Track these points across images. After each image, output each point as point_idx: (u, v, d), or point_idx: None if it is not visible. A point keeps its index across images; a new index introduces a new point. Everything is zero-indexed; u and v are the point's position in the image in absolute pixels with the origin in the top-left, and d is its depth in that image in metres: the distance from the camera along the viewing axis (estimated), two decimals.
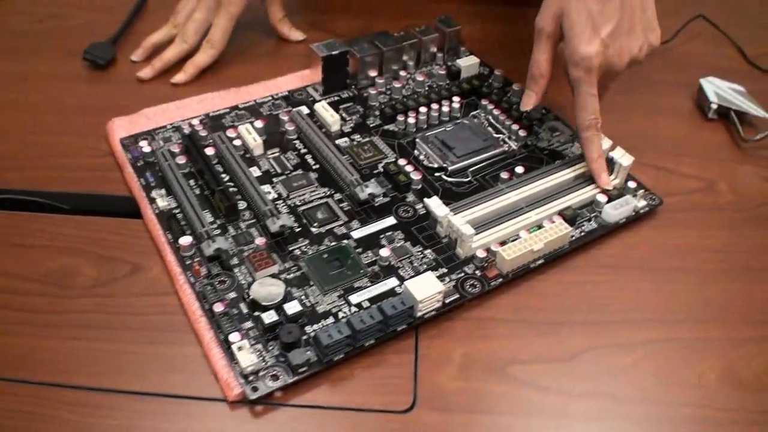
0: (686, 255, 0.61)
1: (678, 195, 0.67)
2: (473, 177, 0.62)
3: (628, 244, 0.62)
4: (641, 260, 0.60)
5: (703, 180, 0.69)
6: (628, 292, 0.57)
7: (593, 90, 0.56)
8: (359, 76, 0.73)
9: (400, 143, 0.68)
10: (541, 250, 0.58)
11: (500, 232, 0.57)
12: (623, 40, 0.56)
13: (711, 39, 0.90)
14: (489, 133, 0.68)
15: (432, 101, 0.71)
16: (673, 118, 0.76)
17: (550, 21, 0.63)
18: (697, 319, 0.56)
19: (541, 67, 0.61)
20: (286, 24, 0.77)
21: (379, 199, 0.58)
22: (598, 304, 0.56)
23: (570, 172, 0.64)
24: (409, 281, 0.53)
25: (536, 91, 0.61)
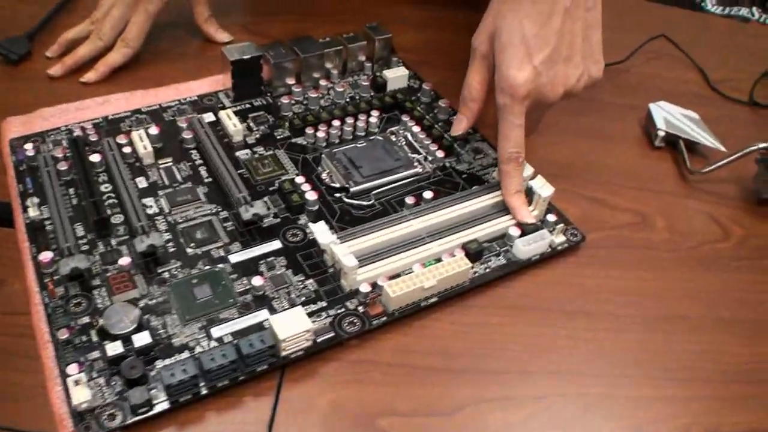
0: (603, 298, 0.56)
1: (606, 230, 0.62)
2: (376, 200, 0.58)
3: (539, 283, 0.57)
4: (551, 302, 0.56)
5: (637, 214, 0.64)
6: (530, 338, 0.52)
7: (519, 120, 0.52)
8: (275, 83, 0.69)
9: (305, 158, 0.64)
10: (434, 288, 0.53)
11: (390, 265, 0.52)
12: (559, 69, 0.52)
13: (672, 61, 0.85)
14: (404, 153, 0.64)
15: (348, 114, 0.67)
16: (617, 145, 0.72)
17: (485, 40, 0.59)
18: (603, 372, 0.51)
19: (472, 91, 0.57)
20: (213, 24, 0.74)
21: (269, 220, 0.56)
22: (494, 349, 0.52)
23: (486, 199, 0.60)
24: (275, 317, 0.49)
25: (467, 116, 0.58)
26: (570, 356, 0.52)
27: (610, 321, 0.54)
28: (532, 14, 0.50)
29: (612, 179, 0.67)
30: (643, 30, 0.86)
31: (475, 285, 0.54)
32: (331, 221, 0.58)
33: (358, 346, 0.51)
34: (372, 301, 0.52)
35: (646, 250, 0.61)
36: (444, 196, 0.59)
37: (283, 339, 0.47)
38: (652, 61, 0.85)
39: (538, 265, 0.58)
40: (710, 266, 0.60)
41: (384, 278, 0.53)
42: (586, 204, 0.64)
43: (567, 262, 0.59)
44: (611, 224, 0.62)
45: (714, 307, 0.56)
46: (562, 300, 0.55)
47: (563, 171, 0.65)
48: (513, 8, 0.51)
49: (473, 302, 0.55)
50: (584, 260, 0.59)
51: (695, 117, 0.73)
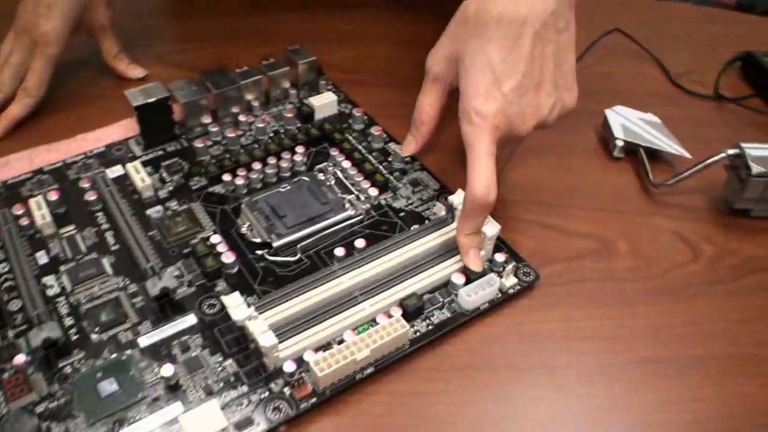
0: (561, 347, 0.51)
1: (563, 262, 0.57)
2: (303, 254, 0.55)
3: (489, 336, 0.52)
4: (504, 358, 0.50)
5: (597, 240, 0.60)
6: (480, 405, 0.48)
7: (489, 151, 0.48)
8: (189, 124, 0.65)
9: (224, 211, 0.59)
10: (367, 358, 0.48)
11: (318, 335, 0.49)
12: (530, 99, 0.48)
13: (628, 56, 0.81)
14: (333, 194, 0.59)
15: (271, 153, 0.62)
16: (572, 159, 0.67)
17: (441, 62, 0.55)
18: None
19: (423, 114, 0.56)
20: (123, 60, 0.70)
21: (182, 290, 0.53)
22: (438, 424, 0.47)
23: (426, 242, 0.55)
24: (185, 417, 0.44)
25: (416, 137, 0.56)
26: (527, 424, 0.47)
27: (571, 374, 0.50)
28: (497, 38, 0.47)
29: (567, 201, 0.62)
30: (594, 25, 0.82)
31: (415, 347, 0.50)
32: (253, 284, 0.53)
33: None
34: (299, 381, 0.48)
35: (608, 283, 0.56)
36: (380, 240, 0.54)
37: None
38: (607, 58, 0.80)
39: (487, 314, 0.53)
40: (680, 295, 0.55)
41: (311, 352, 0.49)
42: (538, 233, 0.59)
43: (520, 306, 0.54)
44: (568, 254, 0.58)
45: (686, 344, 0.52)
46: (515, 354, 0.51)
47: (511, 196, 0.61)
48: (476, 33, 0.48)
49: (415, 366, 0.50)
50: (539, 302, 0.54)
51: (656, 121, 0.69)
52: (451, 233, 0.55)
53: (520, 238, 0.58)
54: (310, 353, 0.46)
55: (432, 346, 0.51)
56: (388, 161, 0.63)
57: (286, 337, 0.47)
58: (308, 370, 0.48)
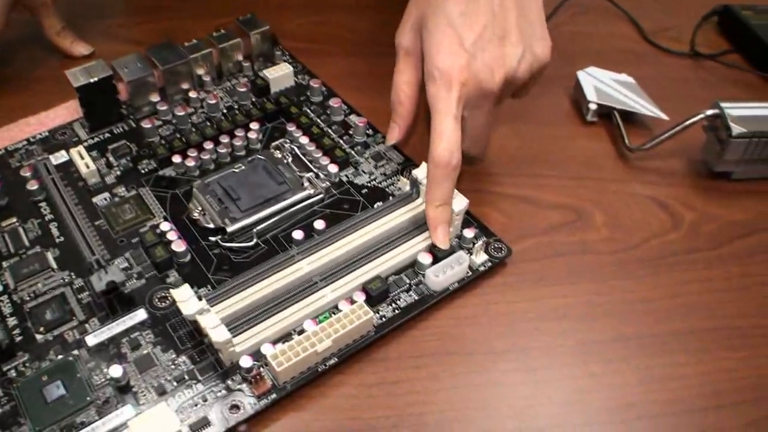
0: (537, 327, 0.50)
1: (536, 236, 0.55)
2: (260, 238, 0.52)
3: (461, 318, 0.50)
4: (477, 341, 0.49)
5: (572, 210, 0.58)
6: (454, 393, 0.46)
7: (454, 113, 0.46)
8: (135, 104, 0.62)
9: (175, 195, 0.57)
10: (329, 349, 0.46)
11: (275, 326, 0.47)
12: (494, 50, 0.47)
13: (600, 14, 0.78)
14: (291, 173, 0.57)
15: (224, 131, 0.60)
16: (544, 125, 0.65)
17: (408, 33, 0.53)
18: (548, 424, 0.45)
19: (400, 93, 0.54)
20: (68, 37, 0.66)
21: (132, 283, 0.50)
22: (410, 415, 0.45)
23: (390, 220, 0.53)
24: (135, 420, 0.42)
25: (398, 123, 0.53)
26: (505, 411, 0.45)
27: (548, 355, 0.48)
28: None
29: (539, 170, 0.60)
30: None
31: (382, 333, 0.48)
32: (207, 273, 0.51)
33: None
34: (257, 377, 0.45)
35: (583, 256, 0.54)
36: (341, 220, 0.52)
37: None
38: (578, 17, 0.77)
39: (457, 295, 0.51)
40: (659, 266, 0.54)
41: (269, 345, 0.46)
42: (510, 205, 0.57)
43: (492, 285, 0.52)
44: (541, 228, 0.56)
45: (666, 318, 0.50)
46: (488, 336, 0.49)
47: (480, 167, 0.58)
48: None
49: (382, 353, 0.48)
50: (512, 279, 0.52)
51: (630, 82, 0.67)
52: (416, 209, 0.52)
53: (490, 212, 0.56)
54: (268, 346, 0.44)
55: (400, 332, 0.49)
56: (348, 135, 0.60)
57: (241, 330, 0.45)
58: (266, 365, 0.46)
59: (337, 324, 0.46)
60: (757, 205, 0.59)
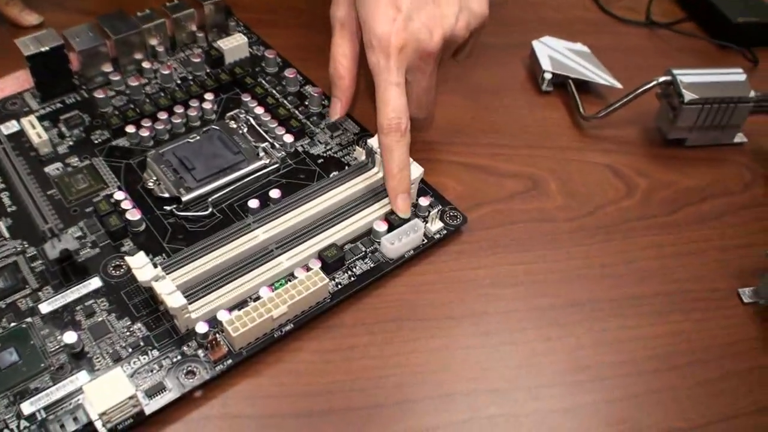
0: (493, 293, 0.52)
1: (492, 204, 0.57)
2: (215, 208, 0.52)
3: (417, 285, 0.52)
4: (433, 308, 0.50)
5: (527, 179, 0.60)
6: (410, 357, 0.48)
7: (396, 79, 0.48)
8: (87, 74, 0.63)
9: (129, 165, 0.58)
10: (285, 315, 0.48)
11: (231, 294, 0.48)
12: (431, 10, 0.47)
13: None
14: (246, 143, 0.58)
15: (178, 102, 0.61)
16: (499, 95, 0.66)
17: (343, 6, 0.53)
18: (503, 387, 0.47)
19: (339, 67, 0.54)
20: (16, 5, 0.66)
21: (86, 252, 0.51)
22: (369, 379, 0.47)
23: (346, 189, 0.54)
24: (90, 385, 0.43)
25: (339, 97, 0.54)
26: (461, 374, 0.47)
27: (503, 321, 0.50)
28: None
29: (495, 139, 0.62)
30: None
31: (338, 300, 0.49)
32: (162, 242, 0.52)
33: (204, 400, 0.46)
34: (213, 343, 0.46)
35: (539, 224, 0.56)
36: (297, 190, 0.53)
37: (100, 413, 0.41)
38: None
39: (413, 263, 0.52)
40: (614, 232, 0.56)
41: (225, 312, 0.47)
42: (466, 175, 0.58)
43: (448, 252, 0.54)
44: (498, 196, 0.58)
45: (620, 283, 0.52)
46: (445, 303, 0.50)
47: (435, 137, 0.59)
48: None
49: (339, 320, 0.49)
50: (468, 247, 0.54)
51: (585, 51, 0.68)
52: (372, 179, 0.54)
53: (447, 181, 0.57)
54: (224, 313, 0.44)
55: (356, 299, 0.50)
56: (304, 105, 0.61)
57: (197, 297, 0.45)
58: (222, 331, 0.47)
59: (292, 290, 0.47)
60: (710, 171, 0.61)
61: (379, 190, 0.53)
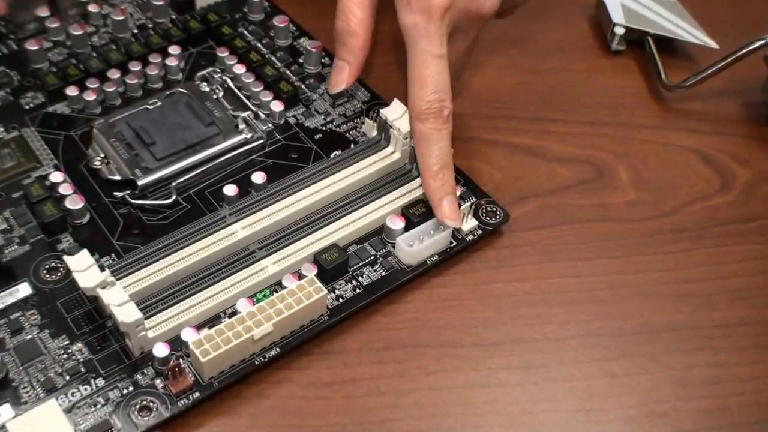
0: (538, 314, 0.52)
1: (541, 197, 0.57)
2: (181, 195, 0.53)
3: (440, 300, 0.52)
4: (460, 331, 0.51)
5: (589, 165, 0.60)
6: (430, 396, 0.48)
7: (438, 49, 0.48)
8: (17, 20, 0.63)
9: (69, 138, 0.59)
10: (270, 336, 0.47)
11: (199, 307, 0.47)
12: None
13: None
14: (222, 112, 0.58)
15: (134, 57, 0.62)
16: (557, 56, 0.67)
17: None
18: None
19: (351, 21, 0.51)
20: None
21: (12, 250, 0.51)
22: (372, 423, 0.47)
23: (351, 174, 0.55)
24: (14, 422, 0.44)
25: (349, 60, 0.52)
26: (495, 419, 0.47)
27: (553, 350, 0.50)
28: None
29: (547, 112, 0.62)
30: None
31: (338, 318, 0.48)
32: (111, 239, 0.53)
33: None
34: (175, 371, 0.46)
35: (602, 224, 0.56)
36: (287, 174, 0.54)
37: None
38: None
39: (436, 272, 0.53)
40: (701, 239, 0.55)
41: (192, 330, 0.47)
42: (509, 158, 0.59)
43: (482, 258, 0.54)
44: (548, 187, 0.58)
45: (708, 307, 0.52)
46: (475, 325, 0.51)
47: (470, 110, 0.60)
48: None
49: (339, 345, 0.50)
50: (508, 253, 0.54)
51: (670, 0, 0.68)
52: (385, 160, 0.55)
53: (482, 167, 0.58)
54: (191, 331, 0.45)
55: (362, 318, 0.51)
56: (298, 64, 0.62)
57: (156, 311, 0.45)
58: (188, 355, 0.45)
59: (280, 304, 0.45)
60: None
61: (396, 175, 0.54)
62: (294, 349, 0.49)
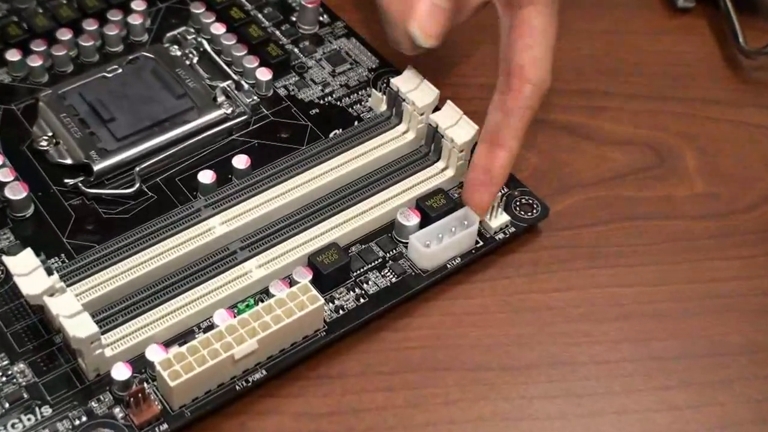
0: (582, 331, 0.52)
1: (588, 187, 0.58)
2: (146, 183, 0.54)
3: (463, 313, 0.52)
4: (486, 350, 0.51)
5: (648, 149, 0.61)
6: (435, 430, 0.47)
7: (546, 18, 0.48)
8: None
9: (9, 112, 0.59)
10: (254, 356, 0.48)
11: (168, 319, 0.47)
12: None
13: None
14: (196, 81, 0.59)
15: (89, 14, 0.62)
16: (606, 15, 0.68)
17: None
18: None
19: None
20: None
21: None
22: None
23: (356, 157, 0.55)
24: None
25: None
26: None
27: (600, 375, 0.50)
28: None
29: (599, 84, 0.63)
30: None
31: (338, 334, 0.49)
32: (61, 236, 0.53)
33: None
34: (138, 396, 0.47)
35: (663, 223, 0.57)
36: (277, 157, 0.55)
37: None
38: None
39: (459, 278, 0.53)
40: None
41: (159, 347, 0.49)
42: (550, 140, 0.59)
43: (516, 262, 0.55)
44: (598, 176, 0.58)
45: None
46: (508, 343, 0.51)
47: None
48: None
49: (339, 367, 0.50)
50: (547, 256, 0.55)
51: None
52: (398, 142, 0.56)
53: (524, 152, 0.57)
54: (157, 349, 0.45)
55: (367, 334, 0.52)
56: (290, 23, 0.63)
57: (115, 323, 0.46)
58: (154, 378, 0.46)
59: (266, 317, 0.47)
60: None
61: (410, 159, 0.55)
62: (283, 372, 0.49)
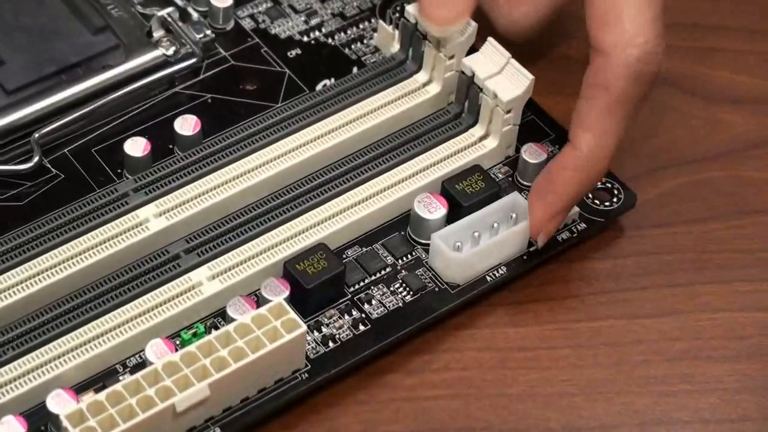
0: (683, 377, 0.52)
1: (691, 166, 0.59)
2: (47, 158, 0.55)
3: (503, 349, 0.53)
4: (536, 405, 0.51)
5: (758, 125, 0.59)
6: None
7: None
8: None
9: None
10: (205, 407, 0.49)
11: (80, 353, 0.49)
12: None
13: None
14: (125, 9, 0.60)
15: None
16: None
17: None
18: None
19: None
20: None
21: None
22: None
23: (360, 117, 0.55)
24: None
25: None
26: None
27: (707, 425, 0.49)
28: None
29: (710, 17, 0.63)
30: None
31: (326, 377, 0.50)
32: None
33: None
34: None
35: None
36: (240, 120, 0.55)
37: None
38: None
39: (503, 297, 0.54)
40: None
41: (67, 393, 0.49)
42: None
43: (585, 275, 0.55)
44: (706, 149, 0.59)
45: None
46: (572, 394, 0.51)
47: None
48: None
49: (323, 425, 0.50)
50: (630, 265, 0.55)
51: None
52: (415, 98, 0.56)
53: None
54: (64, 396, 0.48)
55: (367, 378, 0.52)
56: None
57: (3, 359, 0.48)
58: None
59: (222, 351, 0.48)
60: None
61: (433, 123, 0.55)
62: (250, 430, 0.48)
